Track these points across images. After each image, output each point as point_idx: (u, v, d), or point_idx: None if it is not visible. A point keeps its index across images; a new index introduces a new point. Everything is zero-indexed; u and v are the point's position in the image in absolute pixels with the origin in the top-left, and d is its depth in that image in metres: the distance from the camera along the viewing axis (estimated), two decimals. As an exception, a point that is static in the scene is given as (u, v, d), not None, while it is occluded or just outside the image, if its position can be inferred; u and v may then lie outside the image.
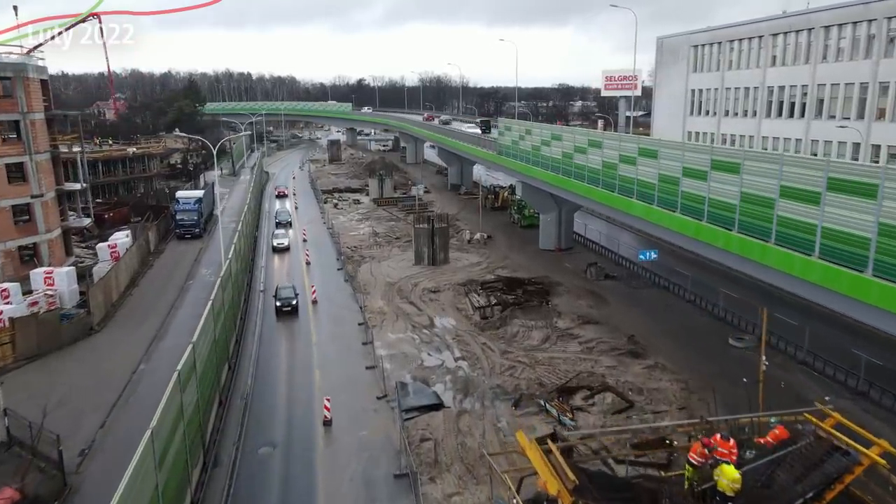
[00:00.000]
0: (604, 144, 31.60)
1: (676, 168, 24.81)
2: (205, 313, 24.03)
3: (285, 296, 37.84)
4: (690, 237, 24.22)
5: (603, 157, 31.74)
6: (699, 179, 23.24)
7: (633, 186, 28.83)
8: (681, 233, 24.89)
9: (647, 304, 38.34)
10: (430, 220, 47.79)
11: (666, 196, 25.94)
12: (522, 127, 45.99)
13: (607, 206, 32.60)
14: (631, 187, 29.10)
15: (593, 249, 51.70)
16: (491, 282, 42.97)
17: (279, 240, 54.17)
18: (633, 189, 28.85)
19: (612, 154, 30.70)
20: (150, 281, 45.42)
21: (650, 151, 27.03)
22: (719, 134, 57.83)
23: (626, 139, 29.70)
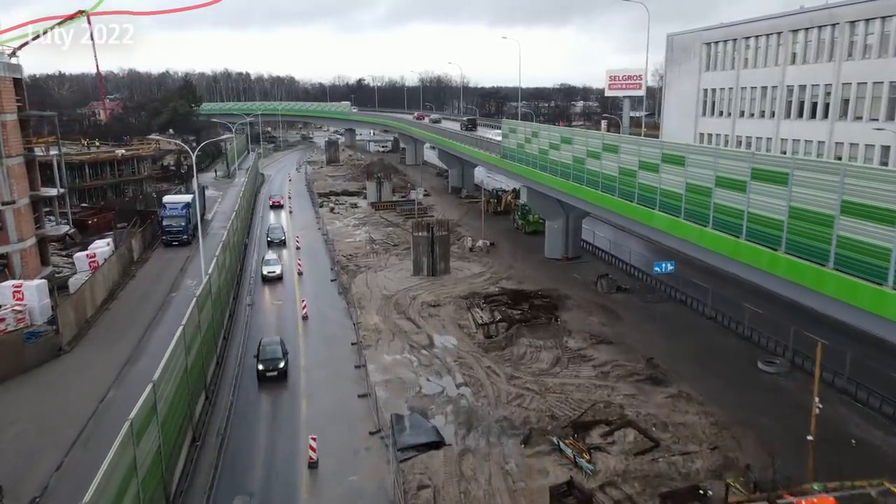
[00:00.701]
0: (621, 149, 28.74)
1: (707, 177, 21.96)
2: (172, 343, 21.15)
3: (270, 355, 29.10)
4: (726, 256, 21.35)
5: (620, 163, 28.88)
6: (736, 191, 20.39)
7: (654, 196, 25.95)
8: (714, 251, 22.01)
9: (663, 320, 35.45)
10: (429, 228, 44.92)
11: (695, 208, 23.08)
12: (528, 129, 43.11)
13: (624, 217, 29.73)
14: (652, 197, 26.23)
15: (602, 258, 48.83)
16: (495, 295, 40.11)
17: (270, 267, 44.93)
18: (654, 199, 25.98)
19: (630, 160, 27.85)
20: (131, 293, 42.54)
21: (676, 158, 24.18)
22: (734, 136, 54.94)
23: (646, 144, 26.85)
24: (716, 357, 30.42)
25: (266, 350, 29.48)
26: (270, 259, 46.34)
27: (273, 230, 57.30)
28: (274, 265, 45.20)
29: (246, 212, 61.43)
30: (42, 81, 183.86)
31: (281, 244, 54.59)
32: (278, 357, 29.08)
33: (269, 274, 44.19)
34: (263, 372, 28.61)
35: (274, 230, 57.29)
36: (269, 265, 45.26)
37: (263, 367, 28.67)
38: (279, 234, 56.11)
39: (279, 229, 57.72)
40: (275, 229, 57.61)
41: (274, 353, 29.29)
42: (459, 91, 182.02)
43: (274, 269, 44.74)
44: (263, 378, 28.47)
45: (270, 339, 30.79)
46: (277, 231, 57.10)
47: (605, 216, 33.36)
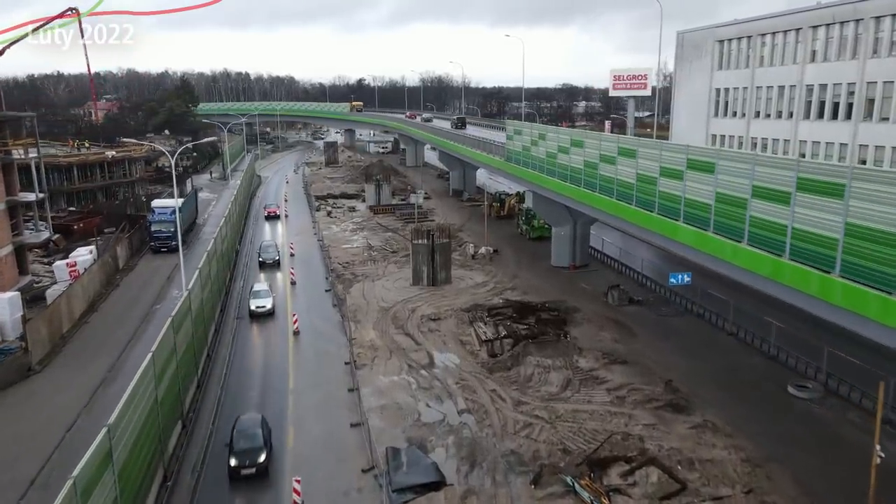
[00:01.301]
0: (639, 153, 26.27)
1: (742, 187, 19.53)
2: (138, 374, 18.72)
3: (246, 444, 21.43)
4: (766, 277, 18.87)
5: (638, 169, 26.41)
6: (778, 203, 17.94)
7: (678, 206, 23.50)
8: (750, 270, 19.54)
9: (681, 337, 33.01)
10: (429, 235, 42.47)
11: (727, 221, 20.62)
12: (535, 131, 40.60)
13: (643, 229, 27.18)
14: (675, 207, 23.77)
15: (612, 266, 46.35)
16: (499, 307, 37.66)
17: (259, 301, 37.14)
18: (678, 209, 23.52)
19: (649, 165, 25.40)
20: (113, 305, 40.13)
21: (704, 164, 21.72)
22: (748, 137, 52.47)
23: (669, 148, 24.36)
24: (741, 379, 27.94)
25: (241, 437, 21.66)
26: (260, 290, 38.66)
27: (265, 249, 49.46)
28: (264, 298, 37.62)
29: (238, 217, 58.89)
30: (39, 81, 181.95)
31: (274, 265, 47.53)
32: (258, 447, 21.33)
33: (257, 309, 36.73)
34: (237, 469, 20.79)
35: (266, 249, 49.42)
36: (259, 298, 37.61)
37: (237, 463, 20.86)
38: (272, 254, 48.62)
39: (272, 248, 49.77)
40: (267, 248, 49.64)
41: (252, 440, 21.56)
42: (461, 91, 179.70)
43: (264, 303, 37.19)
44: (237, 477, 20.83)
45: (248, 420, 22.97)
46: (270, 250, 49.22)
47: (622, 226, 30.69)
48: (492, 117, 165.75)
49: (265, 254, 48.71)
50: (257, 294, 38.17)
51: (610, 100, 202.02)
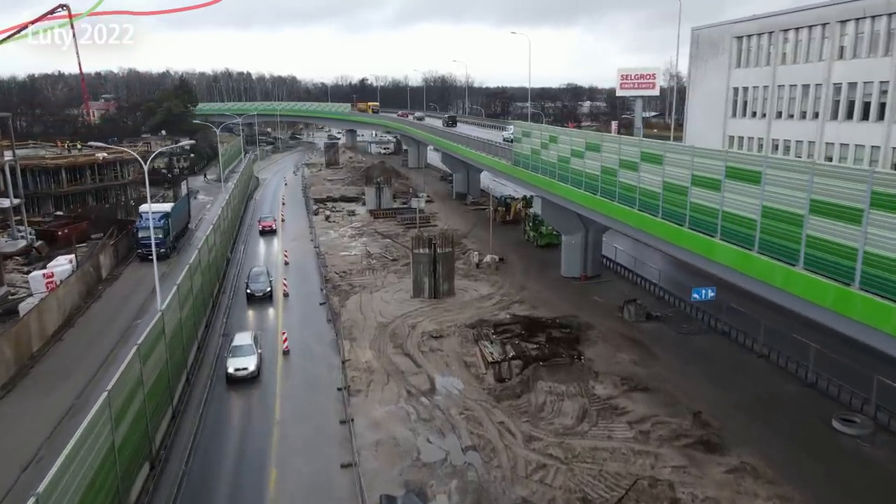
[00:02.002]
0: (666, 160, 23.42)
1: (797, 200, 16.70)
2: (87, 420, 16.00)
3: None
4: (830, 309, 15.99)
5: (664, 177, 23.57)
6: (846, 222, 15.11)
7: (714, 220, 20.64)
8: (809, 300, 16.68)
9: (706, 359, 30.13)
10: (431, 244, 39.67)
11: (777, 241, 17.73)
12: (545, 133, 37.71)
13: (671, 244, 24.21)
14: (711, 222, 20.89)
15: (626, 277, 43.47)
16: (506, 323, 34.86)
17: (239, 361, 28.40)
18: (714, 224, 20.66)
19: (678, 174, 22.56)
20: (91, 319, 37.45)
21: (747, 174, 18.83)
22: (769, 139, 49.58)
23: (703, 155, 21.46)
24: (778, 411, 25.06)
25: None
26: (241, 346, 29.32)
27: (255, 277, 40.90)
28: (246, 357, 28.47)
29: (231, 223, 56.11)
30: (39, 82, 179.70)
31: (265, 298, 39.59)
32: None
33: (236, 372, 28.05)
34: None
35: (257, 277, 40.88)
36: (238, 357, 28.54)
37: None
38: (262, 284, 40.18)
39: (263, 276, 41.15)
40: (258, 276, 41.12)
41: None
42: (464, 91, 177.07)
43: (246, 364, 28.18)
44: None
45: None
46: (261, 279, 40.67)
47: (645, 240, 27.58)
48: (496, 117, 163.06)
49: (254, 283, 40.35)
50: (237, 351, 28.94)
51: (615, 100, 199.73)
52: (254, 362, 28.61)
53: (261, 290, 40.07)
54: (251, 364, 28.44)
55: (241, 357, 28.75)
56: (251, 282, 40.74)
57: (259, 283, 40.58)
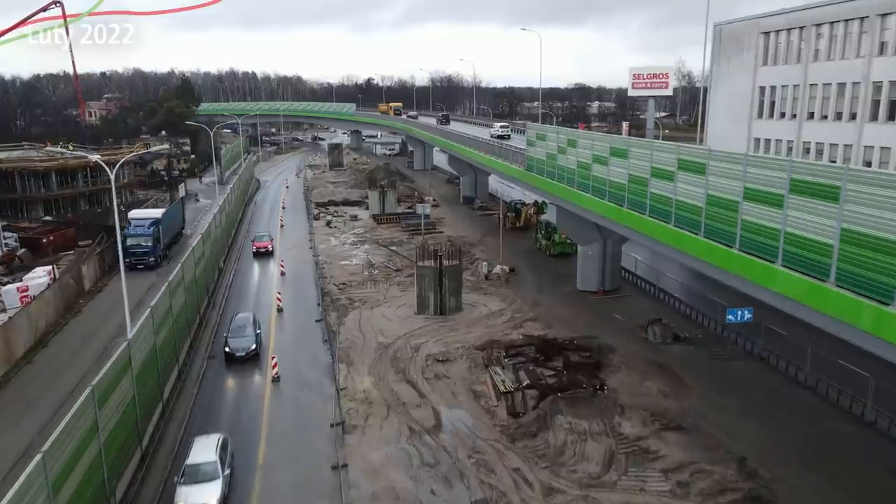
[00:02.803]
0: (710, 169, 20.19)
1: (888, 224, 13.49)
2: (20, 482, 12.96)
3: None
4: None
5: (708, 189, 20.36)
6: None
7: (773, 243, 17.40)
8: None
9: (745, 390, 26.87)
10: (437, 256, 36.57)
11: (863, 273, 14.45)
12: (562, 136, 34.44)
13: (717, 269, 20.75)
14: (770, 245, 17.60)
15: (647, 291, 40.20)
16: (519, 345, 31.72)
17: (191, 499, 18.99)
18: (773, 247, 17.41)
19: (725, 186, 19.36)
20: (68, 338, 34.54)
21: (823, 189, 15.54)
22: (799, 142, 46.22)
23: (758, 164, 18.17)
24: (835, 457, 21.80)
25: None
26: (198, 453, 20.38)
27: (236, 331, 30.93)
28: (201, 488, 19.14)
29: (226, 230, 53.07)
30: (40, 81, 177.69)
31: (250, 354, 30.06)
32: None
33: None
34: None
35: (238, 332, 30.84)
36: (190, 484, 19.30)
37: None
38: (246, 342, 30.19)
39: (248, 327, 31.21)
40: (240, 329, 30.97)
41: None
42: (470, 91, 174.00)
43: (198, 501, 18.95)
44: None
45: None
46: (246, 334, 30.65)
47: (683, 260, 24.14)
48: (503, 117, 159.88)
49: (235, 340, 30.12)
50: (187, 474, 19.54)
51: (625, 100, 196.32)
52: (218, 492, 19.29)
53: (243, 348, 29.81)
54: (213, 498, 19.13)
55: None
56: (232, 336, 30.51)
57: (241, 339, 30.22)
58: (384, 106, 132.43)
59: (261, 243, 52.41)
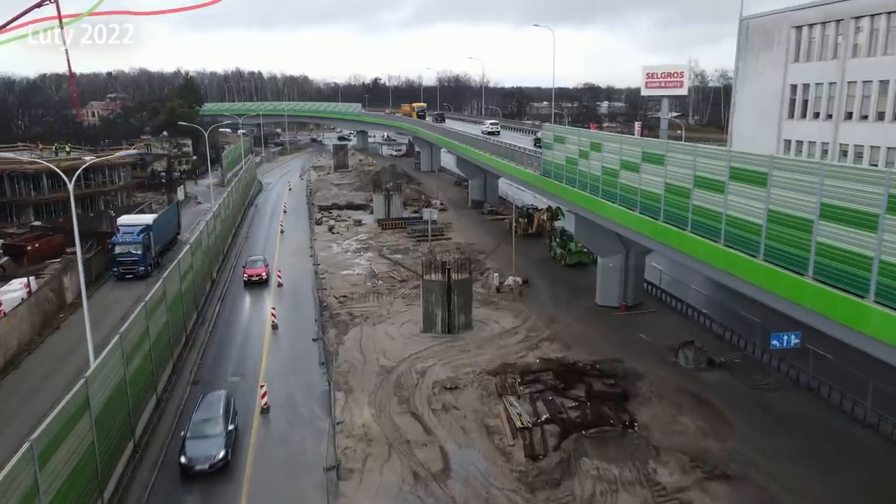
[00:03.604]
0: (773, 180, 16.93)
1: None
2: None
3: None
4: None
5: (770, 204, 17.15)
6: None
7: (864, 273, 14.05)
8: None
9: (796, 428, 23.66)
10: (444, 269, 33.50)
11: None
12: (585, 139, 31.15)
13: (785, 301, 17.09)
14: (859, 276, 14.21)
15: (672, 307, 36.99)
16: (535, 370, 28.59)
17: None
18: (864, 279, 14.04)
19: (794, 201, 16.14)
20: (43, 357, 31.69)
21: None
22: (835, 144, 42.88)
23: (838, 174, 14.96)
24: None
25: None
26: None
27: (198, 427, 21.90)
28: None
29: (221, 236, 50.13)
30: (48, 81, 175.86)
31: (219, 458, 21.20)
32: None
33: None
34: None
35: (199, 428, 21.85)
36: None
37: None
38: (211, 446, 21.18)
39: (216, 421, 22.06)
40: (202, 423, 22.02)
41: None
42: (478, 90, 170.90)
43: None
44: None
45: None
46: (212, 430, 21.69)
47: (739, 287, 20.28)
48: (511, 118, 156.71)
49: (195, 446, 21.12)
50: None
51: (635, 99, 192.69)
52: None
53: (205, 458, 20.76)
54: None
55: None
56: (191, 437, 21.41)
57: (204, 442, 21.18)
58: (407, 107, 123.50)
59: (254, 270, 43.39)
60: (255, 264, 44.37)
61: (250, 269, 43.83)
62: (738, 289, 19.79)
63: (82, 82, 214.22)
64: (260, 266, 44.13)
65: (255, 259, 45.56)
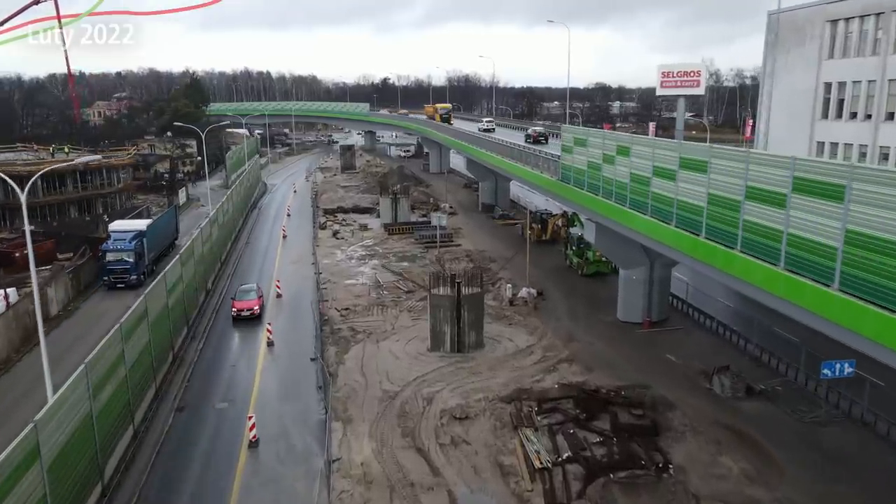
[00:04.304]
0: (854, 196, 13.94)
1: None
2: None
3: None
4: None
5: (848, 223, 14.20)
6: None
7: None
8: None
9: (855, 470, 20.79)
10: (454, 282, 30.83)
11: None
12: (611, 143, 28.09)
13: (873, 343, 14.15)
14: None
15: (700, 322, 34.11)
16: (554, 398, 25.86)
17: None
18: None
19: (874, 220, 13.28)
20: (16, 380, 29.27)
21: None
22: (875, 146, 39.84)
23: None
24: None
25: None
26: None
27: None
28: None
29: (219, 243, 47.58)
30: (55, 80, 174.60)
31: None
32: None
33: None
34: None
35: None
36: None
37: None
38: None
39: None
40: None
41: None
42: (489, 90, 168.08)
43: None
44: None
45: None
46: None
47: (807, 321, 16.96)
48: (521, 118, 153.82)
49: None
50: None
51: (647, 99, 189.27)
52: None
53: None
54: None
55: None
56: None
57: None
58: (429, 108, 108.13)
59: (244, 303, 35.43)
60: (247, 295, 36.30)
61: (240, 301, 35.73)
62: (808, 323, 16.86)
63: (92, 82, 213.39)
64: (252, 298, 36.12)
65: (247, 289, 37.28)
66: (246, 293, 36.83)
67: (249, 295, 36.61)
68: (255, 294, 36.91)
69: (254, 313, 35.37)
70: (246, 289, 37.57)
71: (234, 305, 35.93)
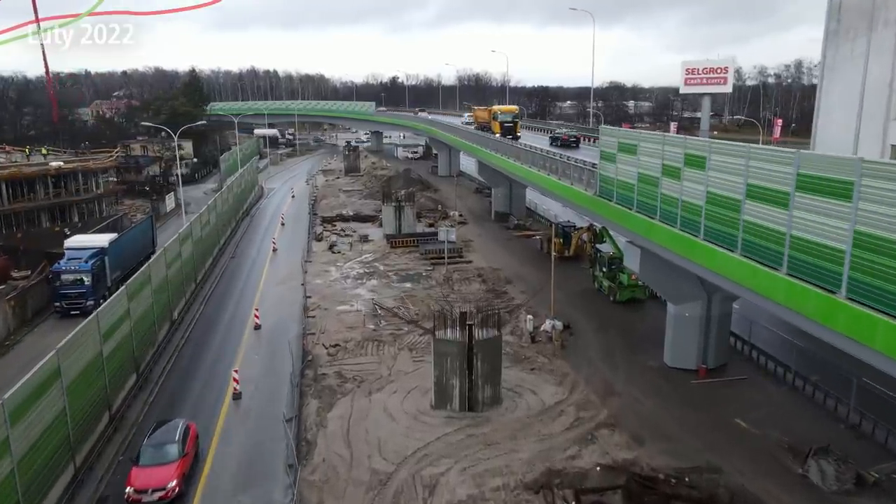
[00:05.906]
0: None
1: None
2: None
3: None
4: None
5: None
6: None
7: None
8: None
9: None
10: (465, 324, 24.50)
11: None
12: (676, 150, 21.06)
13: None
14: None
15: (769, 369, 27.57)
16: (596, 489, 19.52)
17: None
18: None
19: None
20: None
21: None
22: (968, 152, 33.23)
23: None
24: None
25: None
26: None
27: None
28: None
29: (196, 259, 41.31)
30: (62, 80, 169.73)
31: None
32: None
33: None
34: None
35: None
36: None
37: None
38: None
39: None
40: None
41: None
42: (501, 89, 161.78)
43: None
44: None
45: None
46: None
47: None
48: (533, 118, 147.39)
49: None
50: None
51: (664, 98, 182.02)
52: None
53: None
54: None
55: None
56: None
57: None
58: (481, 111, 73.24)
59: (148, 476, 19.06)
60: (157, 456, 19.60)
61: (144, 469, 19.26)
62: None
63: (96, 81, 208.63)
64: (166, 461, 19.48)
65: (158, 441, 20.15)
66: (157, 451, 19.79)
67: (161, 455, 19.68)
68: (173, 452, 19.80)
69: (166, 496, 18.85)
70: (157, 441, 20.18)
71: (129, 481, 19.04)
